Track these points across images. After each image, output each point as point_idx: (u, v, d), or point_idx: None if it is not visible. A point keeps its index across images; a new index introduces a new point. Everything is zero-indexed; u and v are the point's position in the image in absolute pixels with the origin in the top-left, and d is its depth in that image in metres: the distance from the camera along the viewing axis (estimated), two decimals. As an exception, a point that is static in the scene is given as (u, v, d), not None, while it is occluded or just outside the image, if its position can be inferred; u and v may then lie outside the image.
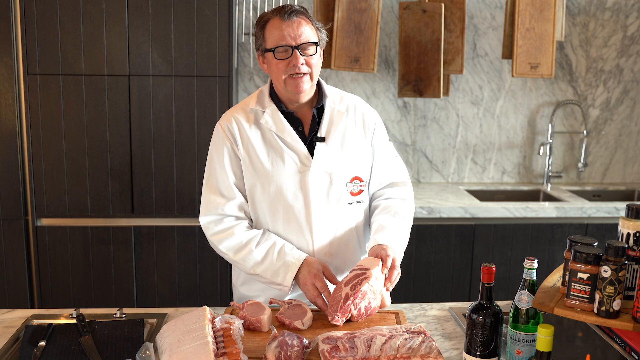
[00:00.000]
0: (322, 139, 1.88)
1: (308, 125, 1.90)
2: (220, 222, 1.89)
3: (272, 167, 1.86)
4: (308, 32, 1.79)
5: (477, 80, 3.65)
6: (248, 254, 1.84)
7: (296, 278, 1.81)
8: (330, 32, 3.24)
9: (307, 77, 1.81)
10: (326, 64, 3.27)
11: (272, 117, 1.87)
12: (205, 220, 1.90)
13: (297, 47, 1.77)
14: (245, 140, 1.87)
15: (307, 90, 1.84)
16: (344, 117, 1.92)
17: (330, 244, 1.91)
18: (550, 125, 3.67)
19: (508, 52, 3.40)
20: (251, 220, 1.94)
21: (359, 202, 1.95)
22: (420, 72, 3.30)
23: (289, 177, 1.86)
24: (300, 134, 1.88)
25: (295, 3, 3.25)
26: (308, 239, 1.89)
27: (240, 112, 1.91)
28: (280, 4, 2.01)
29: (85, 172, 2.96)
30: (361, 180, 1.93)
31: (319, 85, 1.93)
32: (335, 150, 1.89)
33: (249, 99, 1.94)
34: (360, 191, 1.94)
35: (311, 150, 1.87)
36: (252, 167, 1.87)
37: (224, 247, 1.87)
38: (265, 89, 1.92)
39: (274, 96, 1.90)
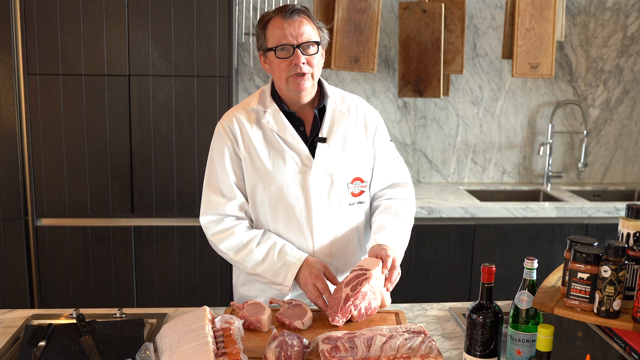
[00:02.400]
0: (324, 140, 1.88)
1: (309, 126, 1.90)
2: (221, 222, 1.89)
3: (273, 168, 1.86)
4: (309, 31, 1.79)
5: (477, 80, 3.65)
6: (248, 254, 1.84)
7: (297, 278, 1.81)
8: (330, 32, 3.23)
9: (308, 76, 1.80)
10: (326, 64, 3.27)
11: (274, 117, 1.87)
12: (205, 220, 1.90)
13: (298, 46, 1.77)
14: (247, 140, 1.87)
15: (309, 90, 1.84)
16: (346, 117, 1.92)
17: (330, 244, 1.91)
18: (550, 125, 3.67)
19: (508, 52, 3.40)
20: (251, 220, 1.94)
21: (360, 202, 1.95)
22: (420, 72, 3.30)
23: (290, 177, 1.86)
24: (302, 135, 1.88)
25: (295, 3, 3.25)
26: (308, 240, 1.89)
27: (242, 111, 1.91)
28: (281, 4, 2.02)
29: (85, 172, 2.96)
30: (362, 181, 1.93)
31: (320, 85, 1.93)
32: (336, 150, 1.89)
33: (250, 98, 1.94)
34: (362, 192, 1.94)
35: (312, 150, 1.87)
36: (253, 167, 1.87)
37: (224, 247, 1.87)
38: (267, 88, 1.92)
39: (276, 96, 1.90)
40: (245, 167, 1.88)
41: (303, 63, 1.78)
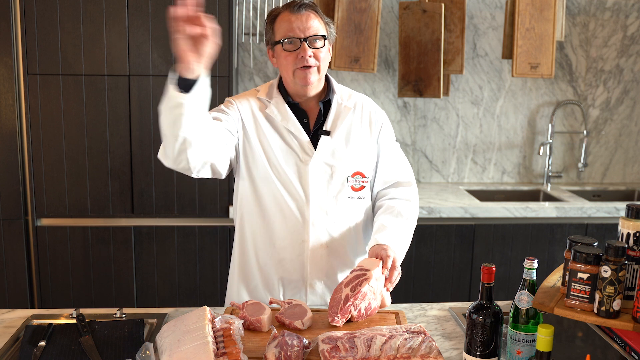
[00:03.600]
0: (327, 132, 1.89)
1: (314, 119, 1.92)
2: None
3: (275, 155, 1.88)
4: (317, 25, 1.82)
5: (477, 80, 3.64)
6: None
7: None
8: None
9: (314, 69, 1.83)
10: (326, 64, 3.27)
11: (277, 108, 1.90)
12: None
13: (305, 39, 1.80)
14: (253, 121, 1.89)
15: (315, 83, 1.85)
16: (351, 112, 1.93)
17: (326, 236, 1.91)
18: (550, 125, 3.67)
19: (508, 52, 3.40)
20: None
21: (360, 198, 1.95)
22: (420, 72, 3.30)
23: (290, 166, 1.88)
24: (305, 126, 1.90)
25: None
26: (304, 229, 1.90)
27: (252, 97, 1.94)
28: (281, 4, 2.03)
29: (85, 172, 2.96)
30: (363, 176, 1.94)
31: (328, 81, 1.95)
32: (339, 144, 1.90)
33: (259, 87, 1.98)
34: (362, 187, 1.94)
35: (315, 143, 1.89)
36: (254, 152, 1.88)
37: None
38: (275, 81, 1.96)
39: (282, 89, 1.92)
40: (246, 148, 1.88)
41: (310, 56, 1.80)
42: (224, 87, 2.94)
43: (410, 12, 3.29)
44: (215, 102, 2.94)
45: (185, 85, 1.50)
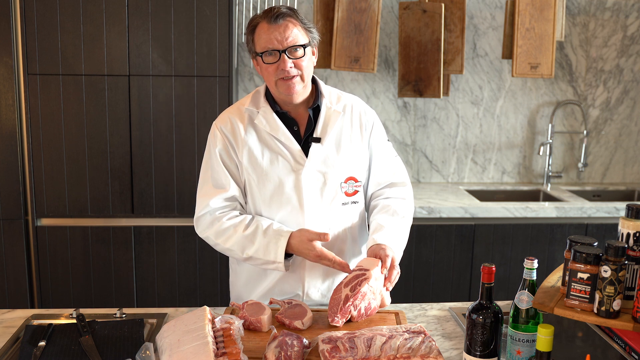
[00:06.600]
0: (318, 140, 1.88)
1: (304, 126, 1.91)
2: (210, 214, 1.91)
3: (267, 167, 1.87)
4: (296, 34, 1.79)
5: (477, 80, 3.65)
6: (238, 239, 1.85)
7: (291, 250, 1.83)
8: (330, 32, 3.24)
9: (298, 79, 1.81)
10: (326, 64, 3.27)
11: (266, 118, 1.88)
12: (196, 216, 1.94)
13: (284, 50, 1.78)
14: (241, 140, 1.89)
15: (300, 92, 1.84)
16: (340, 117, 1.92)
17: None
18: (550, 125, 3.67)
19: (508, 52, 3.40)
20: (243, 208, 1.95)
21: (354, 202, 1.95)
22: (420, 72, 3.30)
23: (284, 176, 1.87)
24: (296, 134, 1.89)
25: (295, 3, 3.25)
26: None
27: (236, 112, 1.92)
28: (281, 4, 2.01)
29: (85, 172, 2.96)
30: (356, 181, 1.94)
31: (316, 85, 1.93)
32: (330, 150, 1.89)
33: (245, 99, 1.96)
34: (355, 192, 1.94)
35: (306, 150, 1.88)
36: (248, 167, 1.88)
37: (213, 235, 1.90)
38: (262, 89, 1.94)
39: (269, 97, 1.91)
40: (240, 167, 1.89)
41: (290, 67, 1.79)
42: (224, 87, 2.94)
43: (410, 12, 3.29)
44: (215, 102, 2.94)
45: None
